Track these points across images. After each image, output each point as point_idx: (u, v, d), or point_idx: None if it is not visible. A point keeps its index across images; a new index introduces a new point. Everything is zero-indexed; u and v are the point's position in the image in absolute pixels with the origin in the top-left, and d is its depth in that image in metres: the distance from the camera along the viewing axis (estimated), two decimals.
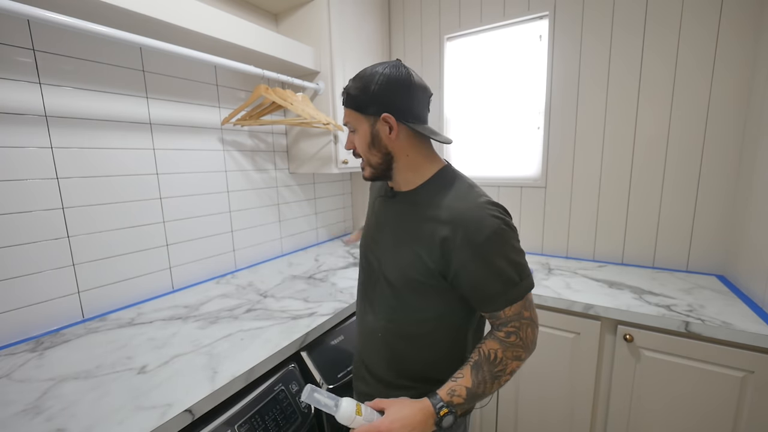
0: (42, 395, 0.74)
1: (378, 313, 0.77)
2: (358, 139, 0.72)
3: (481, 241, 0.62)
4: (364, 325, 0.81)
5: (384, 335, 0.76)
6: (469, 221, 0.63)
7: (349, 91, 0.71)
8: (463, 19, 1.81)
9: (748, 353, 0.98)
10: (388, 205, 0.78)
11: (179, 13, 1.07)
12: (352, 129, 0.73)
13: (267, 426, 0.83)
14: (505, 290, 0.64)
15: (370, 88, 0.67)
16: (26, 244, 0.98)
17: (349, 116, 0.72)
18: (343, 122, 0.74)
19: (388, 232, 0.76)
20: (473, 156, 1.91)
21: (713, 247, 1.39)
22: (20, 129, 0.95)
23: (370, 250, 0.80)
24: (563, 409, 1.29)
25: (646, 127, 1.46)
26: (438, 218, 0.66)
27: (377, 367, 0.78)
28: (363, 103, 0.69)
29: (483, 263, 0.63)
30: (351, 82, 0.71)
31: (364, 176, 0.76)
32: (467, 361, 0.67)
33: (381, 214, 0.80)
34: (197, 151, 1.40)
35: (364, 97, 0.69)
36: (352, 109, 0.71)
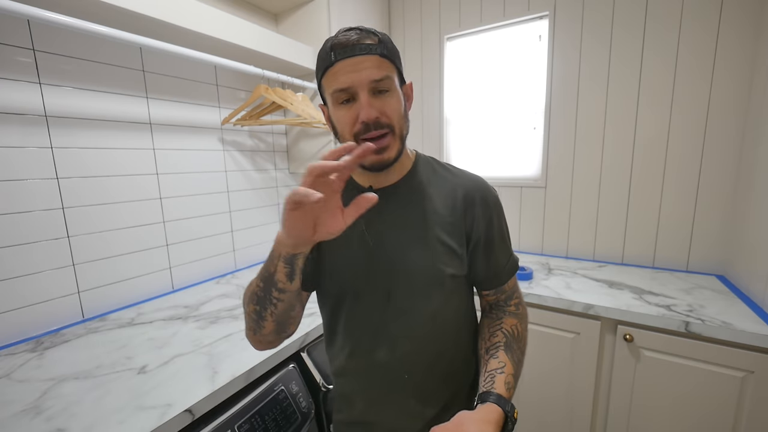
0: (42, 395, 0.74)
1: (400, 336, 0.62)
2: (396, 100, 0.56)
3: (493, 206, 0.64)
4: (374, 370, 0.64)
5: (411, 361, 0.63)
6: (481, 188, 0.64)
7: (387, 41, 0.55)
8: (463, 19, 1.81)
9: (748, 353, 0.98)
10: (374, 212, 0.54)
11: (179, 13, 1.07)
12: (384, 89, 0.54)
13: (267, 426, 0.83)
14: (509, 258, 0.67)
15: (396, 47, 0.56)
16: (26, 244, 0.98)
17: (386, 69, 0.54)
18: (375, 79, 0.53)
19: (392, 236, 0.62)
20: (473, 156, 1.91)
21: (713, 247, 1.39)
22: (20, 129, 0.95)
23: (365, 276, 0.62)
24: (563, 409, 1.29)
25: (646, 127, 1.46)
26: (452, 193, 0.63)
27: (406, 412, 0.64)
28: (397, 59, 0.57)
29: (497, 228, 0.64)
30: (369, 31, 0.55)
31: (386, 159, 0.56)
32: (494, 346, 0.62)
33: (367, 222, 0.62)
34: (197, 151, 1.40)
35: (397, 53, 0.57)
36: (394, 63, 0.56)
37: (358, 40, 0.53)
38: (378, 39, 0.54)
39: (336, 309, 0.66)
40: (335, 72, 0.53)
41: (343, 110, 0.55)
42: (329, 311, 0.68)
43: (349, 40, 0.52)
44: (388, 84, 0.54)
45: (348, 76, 0.52)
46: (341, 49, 0.52)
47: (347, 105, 0.55)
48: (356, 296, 0.63)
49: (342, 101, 0.55)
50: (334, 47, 0.53)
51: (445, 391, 0.66)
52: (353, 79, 0.52)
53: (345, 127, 0.56)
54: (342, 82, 0.53)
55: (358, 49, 0.52)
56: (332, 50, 0.53)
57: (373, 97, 0.54)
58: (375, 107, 0.54)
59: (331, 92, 0.55)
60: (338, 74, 0.53)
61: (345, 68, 0.53)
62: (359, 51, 0.52)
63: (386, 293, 0.62)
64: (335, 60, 0.53)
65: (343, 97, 0.55)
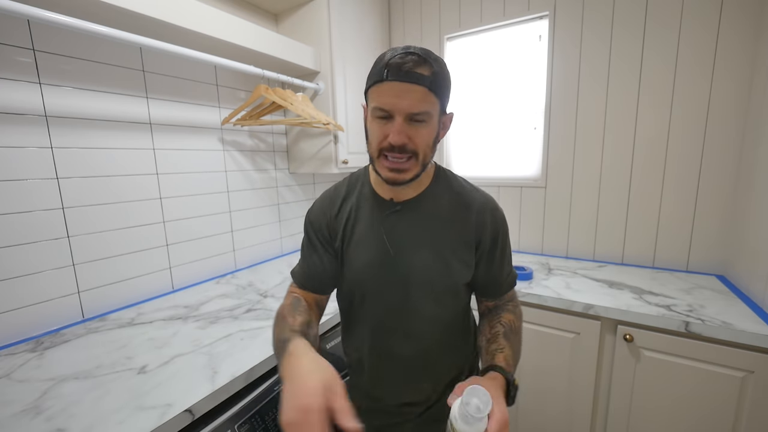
0: (42, 395, 0.74)
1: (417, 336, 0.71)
2: (427, 132, 0.59)
3: (500, 223, 0.70)
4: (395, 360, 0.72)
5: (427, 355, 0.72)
6: (492, 206, 0.70)
7: (438, 75, 0.56)
8: (463, 18, 1.81)
9: (748, 353, 0.98)
10: (395, 221, 0.68)
11: (179, 13, 1.07)
12: (422, 119, 0.57)
13: (267, 426, 0.83)
14: (509, 272, 0.74)
15: (449, 77, 0.60)
16: (26, 244, 0.98)
17: (428, 104, 0.56)
18: (415, 113, 0.56)
19: (411, 246, 0.67)
20: (473, 156, 1.91)
21: (713, 247, 1.39)
22: (20, 129, 0.95)
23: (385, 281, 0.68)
24: (563, 409, 1.29)
25: (646, 127, 1.46)
26: (466, 210, 0.68)
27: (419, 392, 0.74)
28: (445, 92, 0.59)
29: (502, 244, 0.71)
30: (427, 59, 0.55)
31: (399, 179, 0.61)
32: (494, 334, 0.68)
33: (388, 232, 0.68)
34: (197, 151, 1.39)
35: (447, 85, 0.59)
36: (439, 98, 0.58)
37: (412, 67, 0.54)
38: (432, 71, 0.55)
39: (355, 308, 0.74)
40: (382, 90, 0.57)
41: (377, 124, 0.59)
42: (347, 310, 0.77)
43: (404, 65, 0.54)
44: (425, 117, 0.57)
45: (390, 100, 0.56)
46: (395, 70, 0.54)
47: (382, 121, 0.59)
48: (373, 298, 0.70)
49: (379, 116, 0.59)
50: (389, 66, 0.55)
51: (452, 371, 0.76)
52: (394, 104, 0.56)
53: (374, 140, 0.61)
54: (384, 102, 0.57)
55: (410, 76, 0.54)
56: (386, 68, 0.55)
57: (407, 124, 0.57)
58: (405, 134, 0.57)
59: (373, 106, 0.59)
60: (383, 94, 0.56)
61: (391, 90, 0.55)
62: (409, 78, 0.54)
63: (405, 297, 0.68)
64: (385, 78, 0.55)
65: (381, 114, 0.58)
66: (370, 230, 0.69)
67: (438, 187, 0.70)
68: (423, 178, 0.68)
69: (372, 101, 0.60)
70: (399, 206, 0.68)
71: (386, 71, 0.55)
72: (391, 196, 0.69)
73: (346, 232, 0.71)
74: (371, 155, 0.63)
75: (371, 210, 0.70)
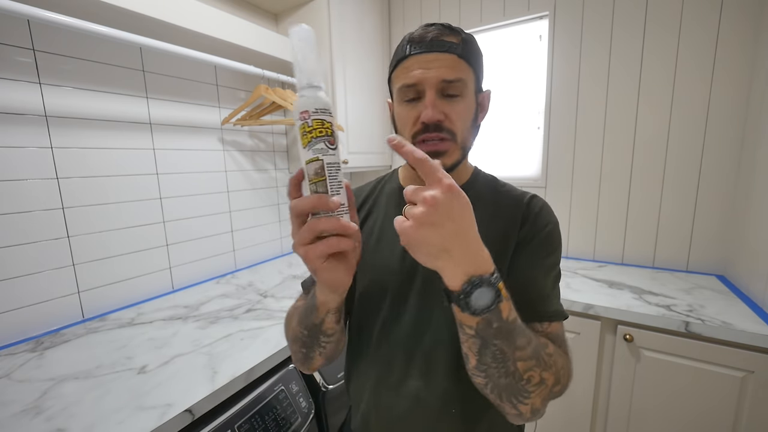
0: (42, 395, 0.74)
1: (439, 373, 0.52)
2: (465, 107, 0.50)
3: (551, 226, 0.54)
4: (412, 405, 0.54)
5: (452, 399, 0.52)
6: (542, 205, 0.56)
7: (468, 41, 0.49)
8: (463, 18, 1.81)
9: (748, 353, 0.98)
10: None
11: (179, 13, 1.07)
12: (456, 93, 0.49)
13: (267, 426, 0.83)
14: (557, 295, 0.53)
15: (481, 50, 0.51)
16: (26, 244, 0.98)
17: (462, 72, 0.48)
18: (447, 80, 0.47)
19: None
20: (473, 156, 1.90)
21: (713, 247, 1.39)
22: (20, 129, 0.95)
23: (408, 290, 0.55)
24: (563, 409, 1.29)
25: (646, 127, 1.46)
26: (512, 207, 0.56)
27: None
28: (479, 63, 0.51)
29: (551, 250, 0.53)
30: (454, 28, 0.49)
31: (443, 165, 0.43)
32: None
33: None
34: (197, 151, 1.39)
35: (480, 57, 0.51)
36: (473, 66, 0.50)
37: (437, 36, 0.48)
38: (461, 38, 0.49)
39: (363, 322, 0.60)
40: (407, 66, 0.49)
41: (406, 108, 0.51)
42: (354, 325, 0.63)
43: (428, 35, 0.48)
44: (460, 88, 0.49)
45: (419, 73, 0.48)
46: (417, 43, 0.48)
47: (412, 103, 0.50)
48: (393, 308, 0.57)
49: (407, 99, 0.50)
50: (411, 40, 0.49)
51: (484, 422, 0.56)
52: (423, 75, 0.47)
53: (405, 126, 0.51)
54: (411, 77, 0.48)
55: (436, 45, 0.47)
56: (409, 43, 0.49)
57: (440, 99, 0.49)
58: (439, 108, 0.48)
59: (398, 87, 0.51)
60: (409, 69, 0.49)
61: (417, 63, 0.48)
62: (436, 47, 0.47)
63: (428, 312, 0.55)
64: (409, 53, 0.49)
65: (409, 95, 0.50)
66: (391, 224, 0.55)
67: (477, 184, 0.59)
68: (461, 174, 0.58)
69: (397, 82, 0.51)
70: None
71: (409, 46, 0.49)
72: None
73: (365, 226, 0.61)
74: None
75: (394, 201, 0.60)
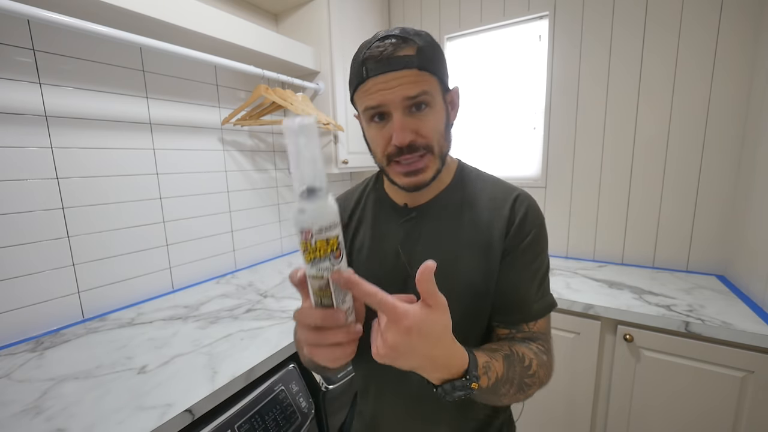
0: (42, 395, 0.74)
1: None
2: (435, 117, 0.50)
3: (536, 229, 0.54)
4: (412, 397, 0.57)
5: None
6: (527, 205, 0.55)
7: (424, 48, 0.47)
8: (463, 18, 1.81)
9: (748, 353, 0.98)
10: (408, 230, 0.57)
11: (179, 13, 1.07)
12: (424, 102, 0.48)
13: (267, 426, 0.83)
14: (541, 296, 0.55)
15: (439, 48, 0.50)
16: (26, 244, 0.98)
17: (427, 84, 0.48)
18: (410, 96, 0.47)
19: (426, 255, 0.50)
20: (473, 156, 1.91)
21: (713, 247, 1.39)
22: (20, 129, 0.95)
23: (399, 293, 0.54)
24: (563, 409, 1.29)
25: (646, 127, 1.46)
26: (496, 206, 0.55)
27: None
28: (443, 67, 0.50)
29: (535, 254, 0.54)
30: (407, 37, 0.47)
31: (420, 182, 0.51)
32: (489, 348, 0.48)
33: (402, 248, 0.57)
34: (197, 151, 1.39)
35: (440, 57, 0.50)
36: (434, 73, 0.48)
37: (393, 51, 0.46)
38: (417, 48, 0.47)
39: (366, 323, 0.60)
40: (366, 89, 0.48)
41: (375, 129, 0.51)
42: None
43: (383, 53, 0.46)
44: (426, 99, 0.48)
45: (380, 95, 0.47)
46: (374, 63, 0.47)
47: (380, 123, 0.50)
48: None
49: (374, 118, 0.50)
50: (366, 61, 0.47)
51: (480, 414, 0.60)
52: (385, 97, 0.47)
53: (377, 148, 0.52)
54: (373, 99, 0.48)
55: (393, 63, 0.46)
56: (364, 64, 0.48)
57: (408, 115, 0.48)
58: (409, 128, 0.48)
59: (363, 109, 0.51)
60: (369, 91, 0.48)
61: (376, 86, 0.47)
62: (393, 66, 0.46)
63: None
64: (366, 77, 0.47)
65: (374, 114, 0.50)
66: (383, 238, 0.59)
67: (460, 185, 0.59)
68: (443, 176, 0.58)
69: (360, 105, 0.51)
70: (414, 212, 0.57)
71: (364, 69, 0.47)
72: (405, 201, 0.59)
73: (356, 240, 0.62)
74: (380, 166, 0.54)
75: (383, 215, 0.60)
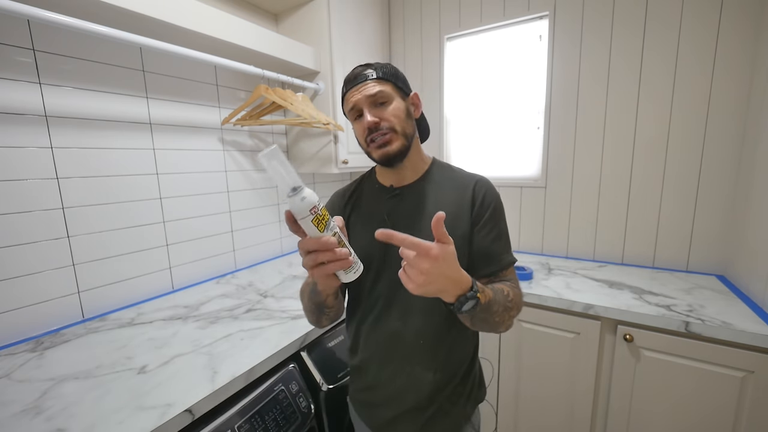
0: (42, 395, 0.74)
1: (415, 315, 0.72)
2: (394, 109, 0.71)
3: (495, 199, 0.74)
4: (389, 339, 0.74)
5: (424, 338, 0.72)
6: (486, 187, 0.75)
7: (382, 68, 0.73)
8: (463, 18, 1.81)
9: (748, 353, 0.98)
10: (393, 204, 0.75)
11: (179, 13, 1.07)
12: (382, 101, 0.71)
13: (267, 426, 0.83)
14: (506, 250, 0.74)
15: (395, 68, 0.75)
16: (26, 244, 0.98)
17: (384, 87, 0.71)
18: (371, 95, 0.70)
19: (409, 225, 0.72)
20: (473, 156, 1.91)
21: (713, 247, 1.39)
22: (20, 129, 0.95)
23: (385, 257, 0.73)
24: (563, 409, 1.29)
25: (646, 127, 1.46)
26: (463, 188, 0.74)
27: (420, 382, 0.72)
28: (399, 80, 0.74)
29: (495, 219, 0.73)
30: (371, 63, 0.73)
31: (389, 151, 0.70)
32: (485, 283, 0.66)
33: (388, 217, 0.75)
34: (197, 151, 1.39)
35: (399, 75, 0.75)
36: (390, 81, 0.72)
37: (360, 71, 0.72)
38: (375, 67, 0.72)
39: (358, 285, 0.76)
40: (348, 98, 0.73)
41: (357, 124, 0.74)
42: (352, 287, 0.79)
43: (354, 74, 0.72)
44: (384, 96, 0.70)
45: (354, 98, 0.71)
46: (349, 82, 0.73)
47: (359, 120, 0.73)
48: (376, 274, 0.74)
49: (355, 117, 0.73)
50: (345, 82, 0.74)
51: (450, 359, 0.74)
52: (357, 99, 0.71)
53: (360, 136, 0.74)
54: (351, 102, 0.72)
55: (359, 78, 0.71)
56: (345, 84, 0.74)
57: (374, 109, 0.71)
58: (374, 115, 0.70)
59: (347, 111, 0.75)
60: (348, 98, 0.73)
61: (352, 94, 0.72)
62: (360, 80, 0.71)
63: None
64: (346, 91, 0.73)
65: (355, 114, 0.73)
66: (372, 213, 0.78)
67: (435, 172, 0.79)
68: (419, 165, 0.78)
69: (346, 110, 0.75)
70: (398, 190, 0.76)
71: (345, 87, 0.74)
72: (391, 183, 0.77)
73: (351, 216, 0.80)
74: (365, 150, 0.74)
75: (373, 196, 0.80)
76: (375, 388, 0.77)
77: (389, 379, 0.75)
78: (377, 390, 0.77)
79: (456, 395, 0.75)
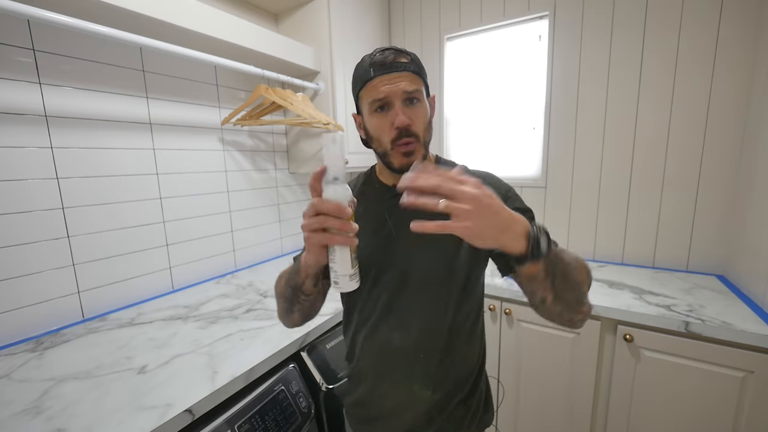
0: (42, 395, 0.74)
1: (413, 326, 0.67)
2: (423, 111, 0.63)
3: (505, 194, 0.67)
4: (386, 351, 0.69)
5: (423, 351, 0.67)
6: (493, 185, 0.64)
7: (415, 60, 0.63)
8: (463, 18, 1.81)
9: (748, 353, 0.98)
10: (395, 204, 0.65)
11: (179, 13, 1.07)
12: (417, 97, 0.62)
13: (267, 426, 0.83)
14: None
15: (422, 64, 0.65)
16: (26, 244, 0.98)
17: (417, 84, 0.62)
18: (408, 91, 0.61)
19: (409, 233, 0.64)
20: (473, 156, 1.91)
21: (713, 247, 1.39)
22: (20, 129, 0.95)
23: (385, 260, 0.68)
24: (563, 409, 1.29)
25: (646, 127, 1.46)
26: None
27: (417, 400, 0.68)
28: (425, 75, 0.65)
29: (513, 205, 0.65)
30: (403, 50, 0.63)
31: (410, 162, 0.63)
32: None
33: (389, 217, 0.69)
34: (197, 151, 1.39)
35: (424, 70, 0.65)
36: (422, 78, 0.64)
37: (394, 59, 0.61)
38: (410, 58, 0.62)
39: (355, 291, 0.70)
40: (374, 85, 0.61)
41: (378, 117, 0.63)
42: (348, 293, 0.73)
43: (386, 59, 0.61)
44: (418, 95, 0.62)
45: (386, 89, 0.60)
46: (380, 66, 0.61)
47: (382, 113, 0.62)
48: (375, 279, 0.68)
49: (377, 109, 0.62)
50: (373, 64, 0.61)
51: (452, 376, 0.69)
52: (390, 90, 0.60)
53: (382, 134, 0.63)
54: (380, 93, 0.61)
55: (395, 66, 0.61)
56: (371, 67, 0.61)
57: (405, 106, 0.61)
58: (407, 115, 0.61)
59: (369, 101, 0.63)
60: (377, 86, 0.61)
61: (382, 82, 0.61)
62: (396, 68, 0.61)
63: (403, 279, 0.67)
64: (374, 75, 0.61)
65: (378, 105, 0.62)
66: (373, 213, 0.71)
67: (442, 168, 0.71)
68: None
69: (367, 98, 0.63)
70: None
71: (372, 69, 0.61)
72: (394, 182, 0.70)
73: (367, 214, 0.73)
74: (384, 150, 0.65)
75: (374, 195, 0.73)
76: (369, 404, 0.72)
77: (384, 394, 0.69)
78: (372, 406, 0.72)
79: (459, 417, 0.70)
